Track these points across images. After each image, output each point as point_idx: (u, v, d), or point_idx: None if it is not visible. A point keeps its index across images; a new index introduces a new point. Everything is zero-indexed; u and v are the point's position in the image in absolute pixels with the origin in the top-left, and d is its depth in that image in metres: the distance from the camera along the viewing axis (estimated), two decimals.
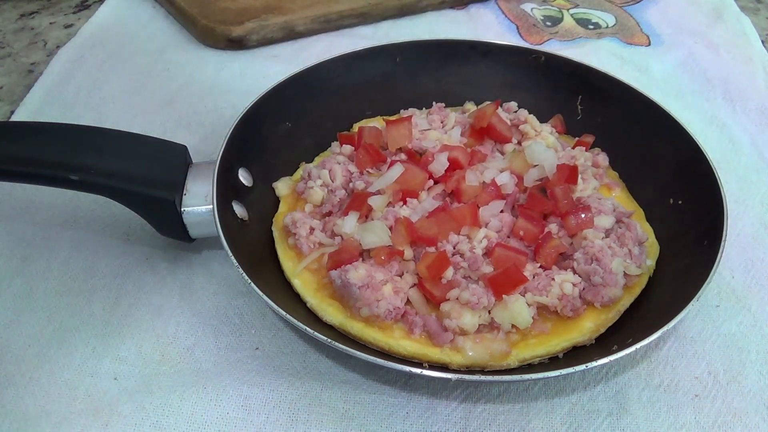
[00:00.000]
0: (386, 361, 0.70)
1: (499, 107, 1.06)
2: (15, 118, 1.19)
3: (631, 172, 1.01)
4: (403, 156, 0.97)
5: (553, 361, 0.78)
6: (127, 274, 0.92)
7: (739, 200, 1.04)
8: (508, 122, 1.03)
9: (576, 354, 0.79)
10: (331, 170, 0.95)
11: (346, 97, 1.08)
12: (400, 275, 0.83)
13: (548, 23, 1.52)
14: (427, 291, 0.79)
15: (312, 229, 0.88)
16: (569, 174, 0.90)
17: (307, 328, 0.71)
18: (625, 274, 0.83)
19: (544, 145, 0.96)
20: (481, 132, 1.01)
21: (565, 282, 0.80)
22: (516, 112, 1.07)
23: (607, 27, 1.51)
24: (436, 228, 0.83)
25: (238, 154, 0.91)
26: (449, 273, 0.80)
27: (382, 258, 0.81)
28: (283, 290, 0.84)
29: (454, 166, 0.92)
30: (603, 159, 1.01)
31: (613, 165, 1.03)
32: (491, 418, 0.77)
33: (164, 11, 1.50)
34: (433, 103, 1.10)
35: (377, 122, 1.08)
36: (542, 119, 1.06)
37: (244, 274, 0.75)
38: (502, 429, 0.76)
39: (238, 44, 1.37)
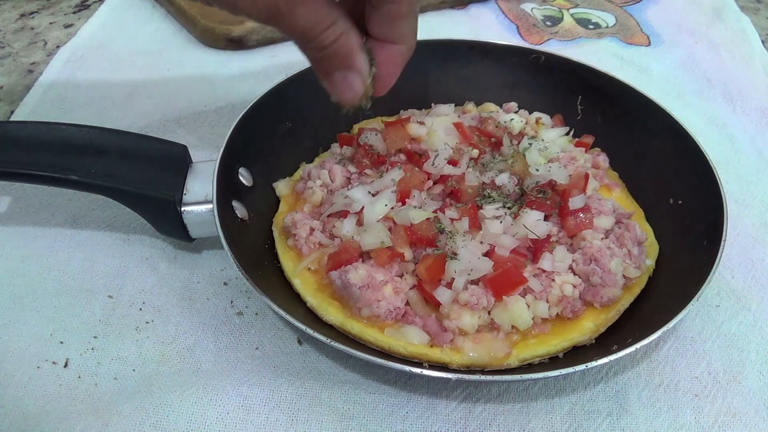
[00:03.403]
0: (386, 361, 0.70)
1: (518, 110, 1.08)
2: (15, 118, 1.19)
3: (631, 172, 1.01)
4: (402, 157, 0.97)
5: (553, 361, 0.78)
6: (127, 274, 0.92)
7: (739, 200, 1.05)
8: (523, 123, 1.03)
9: (576, 354, 0.79)
10: (330, 170, 0.95)
11: None
12: (400, 276, 0.83)
13: (548, 23, 1.52)
14: (427, 293, 0.79)
15: (312, 230, 0.88)
16: (584, 184, 0.90)
17: (307, 328, 0.71)
18: (624, 275, 0.83)
19: (544, 158, 0.96)
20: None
21: (565, 283, 0.80)
22: (517, 112, 1.08)
23: (607, 27, 1.51)
24: (435, 230, 0.83)
25: (238, 154, 0.91)
26: (448, 276, 0.80)
27: (384, 259, 0.81)
28: (283, 290, 0.84)
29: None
30: (603, 160, 1.01)
31: (613, 165, 1.03)
32: (491, 418, 0.77)
33: (164, 11, 1.50)
34: (432, 104, 1.10)
35: (377, 123, 1.08)
36: None
37: (244, 274, 0.76)
38: (502, 429, 0.76)
39: (238, 44, 1.37)
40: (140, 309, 0.88)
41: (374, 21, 0.67)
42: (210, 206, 0.83)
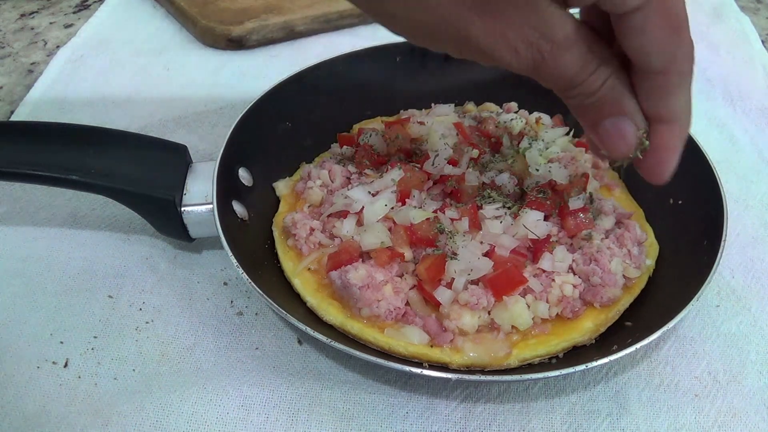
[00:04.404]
0: (386, 361, 0.70)
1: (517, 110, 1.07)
2: (15, 118, 1.19)
3: (630, 171, 1.01)
4: (402, 156, 0.97)
5: (553, 361, 0.78)
6: (127, 274, 0.92)
7: (739, 200, 1.05)
8: (523, 123, 1.03)
9: (576, 354, 0.79)
10: (330, 170, 0.95)
11: (346, 97, 1.08)
12: (400, 276, 0.83)
13: None
14: (427, 293, 0.79)
15: (312, 230, 0.88)
16: (584, 184, 0.90)
17: (307, 328, 0.71)
18: (624, 275, 0.83)
19: (544, 158, 0.95)
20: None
21: (565, 284, 0.80)
22: (516, 112, 1.08)
23: None
24: (435, 230, 0.83)
25: (238, 154, 0.91)
26: (448, 276, 0.80)
27: (384, 259, 0.81)
28: (283, 290, 0.84)
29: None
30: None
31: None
32: (491, 418, 0.77)
33: (164, 11, 1.50)
34: (432, 104, 1.10)
35: (377, 123, 1.08)
36: None
37: (244, 274, 0.76)
38: (502, 429, 0.76)
39: (238, 44, 1.37)
40: (140, 309, 0.88)
41: (641, 95, 0.59)
42: (210, 206, 0.83)
